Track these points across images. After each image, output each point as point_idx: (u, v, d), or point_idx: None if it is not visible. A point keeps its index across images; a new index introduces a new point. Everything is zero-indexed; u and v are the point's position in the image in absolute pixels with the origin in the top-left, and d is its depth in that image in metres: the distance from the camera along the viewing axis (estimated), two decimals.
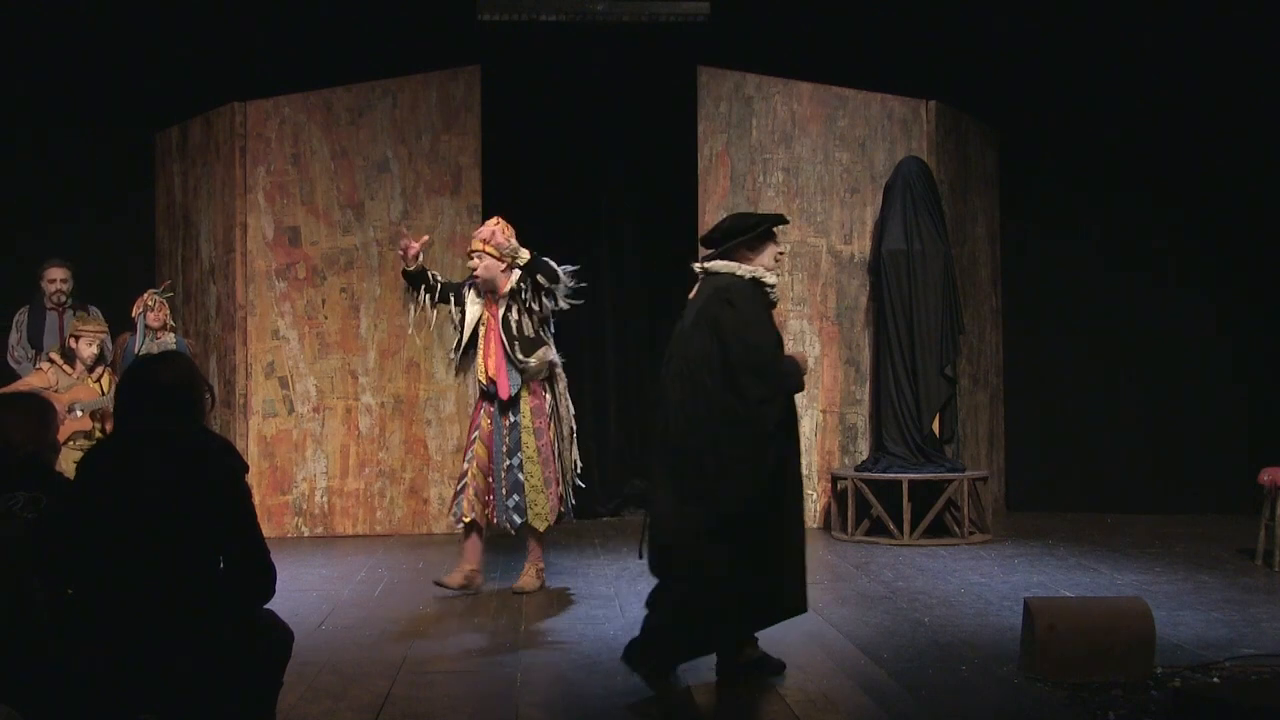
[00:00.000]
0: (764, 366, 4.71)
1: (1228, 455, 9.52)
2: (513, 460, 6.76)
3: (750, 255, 4.95)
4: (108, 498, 3.55)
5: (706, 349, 4.73)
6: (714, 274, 4.93)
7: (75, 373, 7.83)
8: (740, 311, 4.75)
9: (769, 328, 4.85)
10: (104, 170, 9.65)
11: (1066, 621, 4.99)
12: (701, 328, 4.77)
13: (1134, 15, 9.54)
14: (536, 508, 6.76)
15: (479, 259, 6.79)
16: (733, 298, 4.78)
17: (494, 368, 6.77)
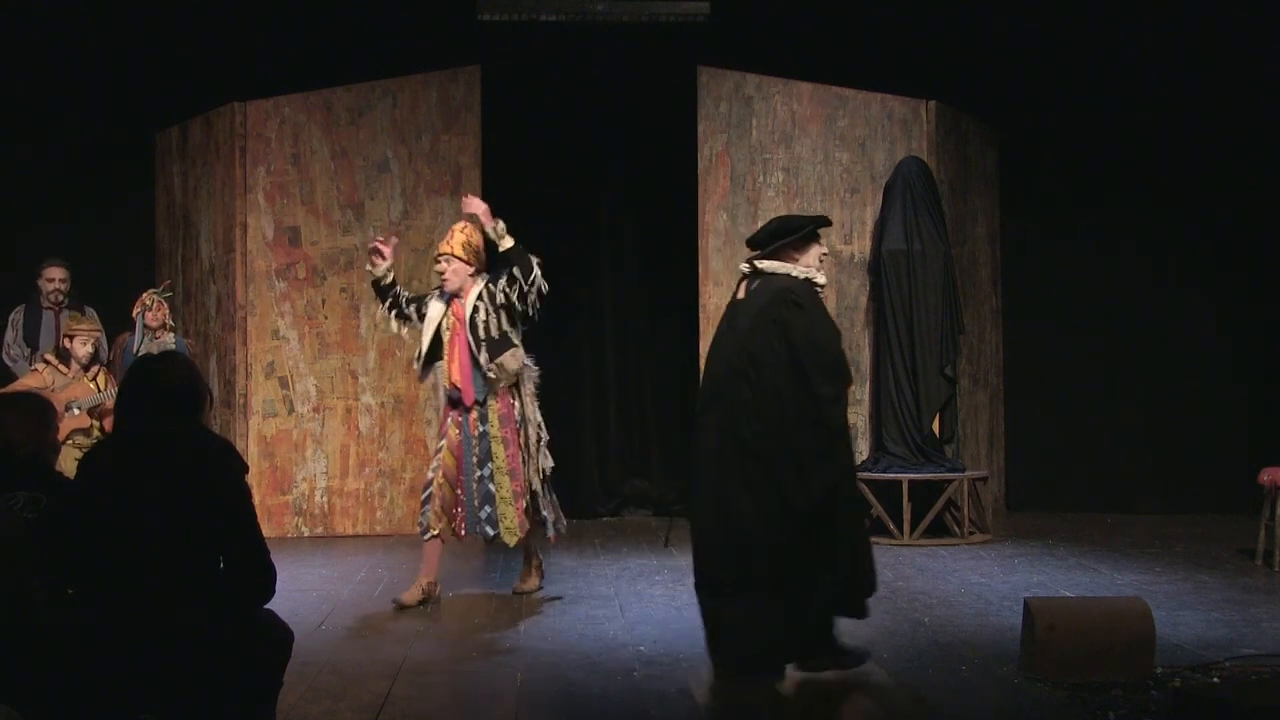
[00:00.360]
0: (833, 366, 4.84)
1: (1228, 455, 9.52)
2: (483, 471, 6.53)
3: (797, 256, 5.04)
4: (108, 497, 3.55)
5: (774, 349, 4.80)
6: (770, 275, 4.99)
7: (71, 372, 7.83)
8: (808, 313, 4.86)
9: (833, 327, 4.99)
10: (104, 170, 9.65)
11: (1066, 621, 4.99)
12: (765, 328, 4.83)
13: (1134, 15, 9.55)
14: (506, 521, 6.53)
15: (446, 263, 6.59)
16: (799, 299, 4.88)
17: (458, 373, 6.53)
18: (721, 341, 5.04)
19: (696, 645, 5.65)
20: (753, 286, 5.01)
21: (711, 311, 9.29)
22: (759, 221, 9.25)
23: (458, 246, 6.60)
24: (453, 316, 6.58)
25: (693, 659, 5.40)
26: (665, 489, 10.10)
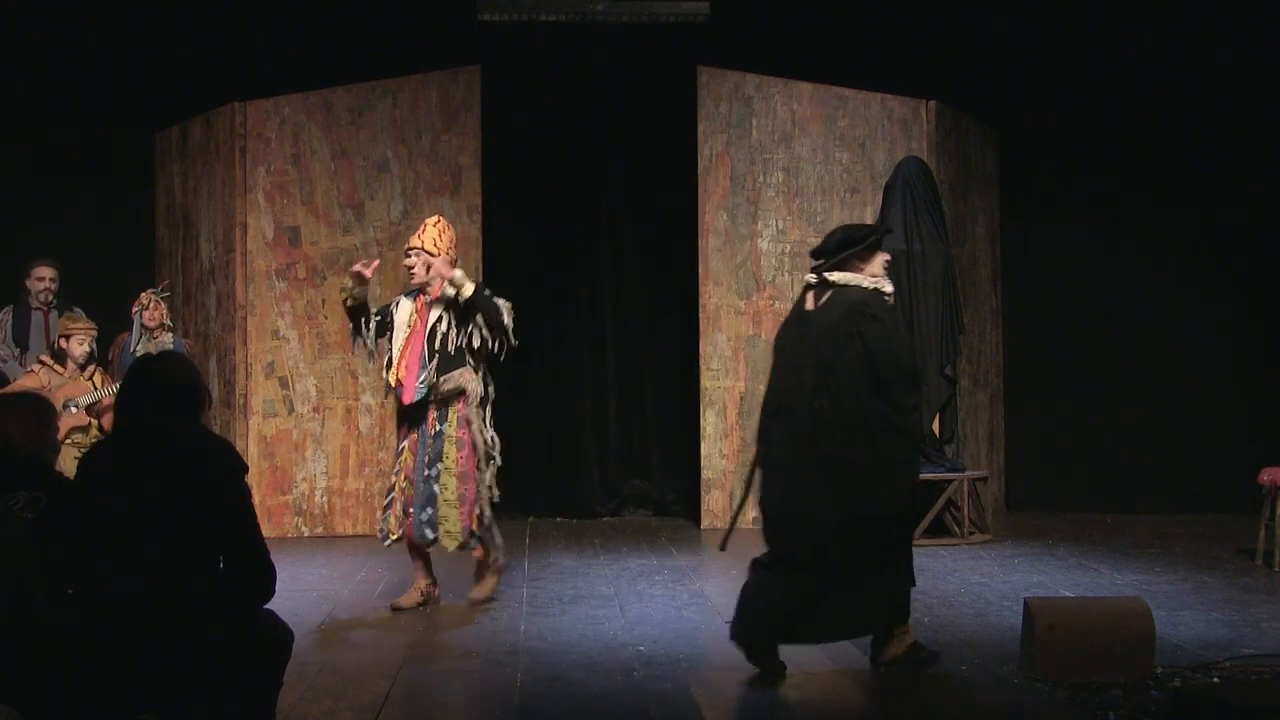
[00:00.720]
0: (911, 375, 5.07)
1: (1228, 455, 9.52)
2: (430, 471, 6.31)
3: (862, 265, 5.16)
4: (108, 498, 3.55)
5: (852, 360, 4.95)
6: (842, 287, 5.11)
7: (67, 372, 7.83)
8: (884, 325, 5.02)
9: (907, 337, 5.16)
10: (104, 170, 9.64)
11: (1066, 621, 4.99)
12: (842, 341, 4.98)
13: (1134, 15, 9.55)
14: (448, 524, 6.28)
15: (416, 256, 6.37)
16: (875, 311, 5.02)
17: (404, 369, 6.31)
18: (791, 352, 5.19)
19: (696, 645, 5.67)
20: (823, 298, 5.15)
21: (711, 311, 9.30)
22: (759, 221, 9.31)
23: (428, 241, 6.41)
24: (416, 315, 6.40)
25: (693, 659, 5.41)
26: (665, 489, 10.10)
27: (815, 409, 4.97)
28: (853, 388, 4.93)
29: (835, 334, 5.00)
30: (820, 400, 4.96)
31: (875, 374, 4.93)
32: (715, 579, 7.34)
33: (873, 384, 4.93)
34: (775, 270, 9.32)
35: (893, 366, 4.94)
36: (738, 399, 9.28)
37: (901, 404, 4.94)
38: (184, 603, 3.50)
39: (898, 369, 4.95)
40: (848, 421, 4.92)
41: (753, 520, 9.19)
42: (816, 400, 4.97)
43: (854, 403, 4.92)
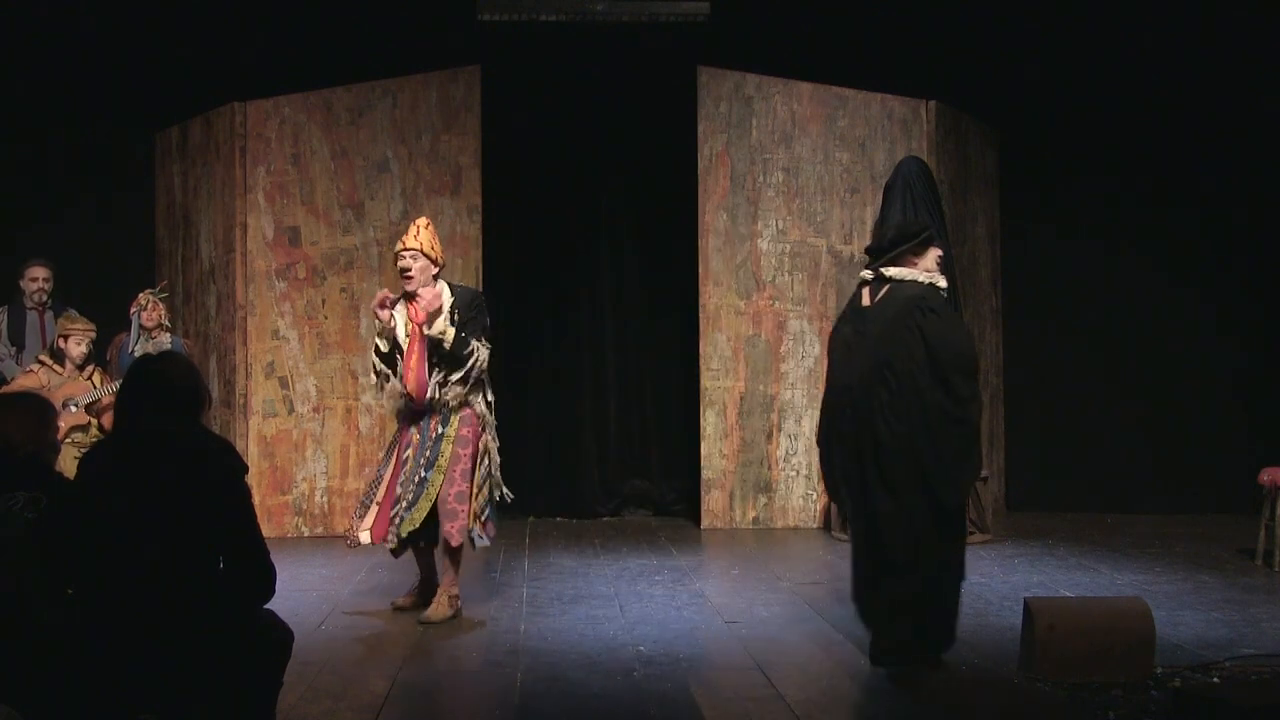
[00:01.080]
0: (969, 367, 5.15)
1: (1228, 455, 9.51)
2: (426, 474, 6.17)
3: (916, 260, 5.29)
4: (108, 497, 3.55)
5: (911, 354, 5.06)
6: (901, 282, 5.23)
7: (65, 372, 7.82)
8: (942, 318, 5.14)
9: (965, 329, 5.26)
10: (104, 170, 9.64)
11: (1066, 621, 4.99)
12: (901, 335, 5.09)
13: (1134, 15, 9.54)
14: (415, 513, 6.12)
15: (413, 259, 6.23)
16: (932, 305, 5.14)
17: (414, 379, 6.19)
18: (849, 347, 5.30)
19: (696, 645, 5.67)
20: (879, 293, 5.25)
21: (711, 311, 9.30)
22: (759, 221, 9.31)
23: (424, 243, 6.27)
24: (410, 321, 6.24)
25: (693, 659, 5.41)
26: (665, 489, 10.10)
27: (875, 403, 5.08)
28: (912, 381, 5.04)
29: (894, 328, 5.11)
30: (880, 394, 5.07)
31: (934, 366, 5.03)
32: (715, 579, 7.35)
33: (931, 376, 5.04)
34: (775, 270, 9.32)
35: (951, 359, 5.04)
36: (738, 399, 9.27)
37: (960, 395, 5.04)
38: (184, 603, 3.50)
39: (956, 361, 5.06)
40: (907, 414, 5.03)
41: (752, 521, 9.23)
42: (876, 394, 5.08)
43: (913, 395, 5.03)
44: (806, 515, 9.26)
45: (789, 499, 9.27)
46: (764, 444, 9.27)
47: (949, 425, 5.03)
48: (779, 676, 5.08)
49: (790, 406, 9.29)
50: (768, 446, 9.28)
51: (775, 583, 7.11)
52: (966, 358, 5.13)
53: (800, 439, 9.26)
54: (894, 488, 5.05)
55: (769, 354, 9.30)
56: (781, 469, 9.27)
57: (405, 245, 6.30)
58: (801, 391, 9.28)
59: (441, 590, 6.22)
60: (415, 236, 6.31)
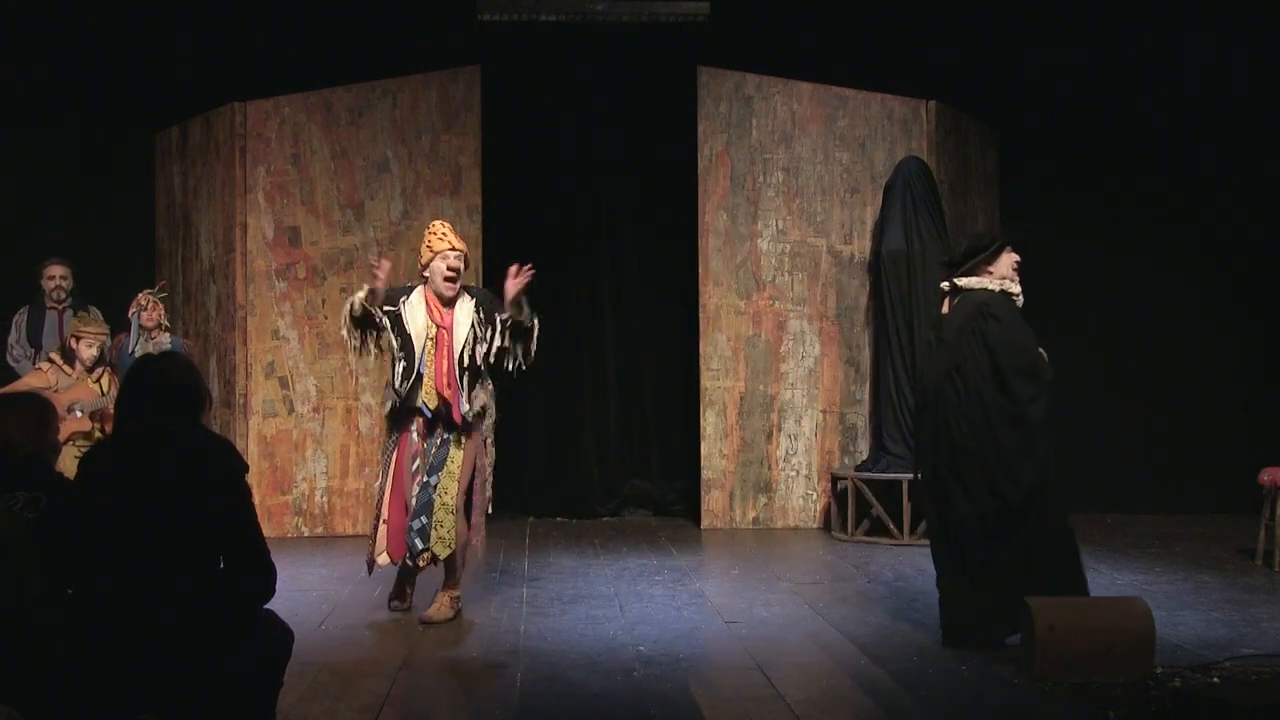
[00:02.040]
0: (1029, 369, 5.44)
1: (1228, 455, 9.51)
2: (431, 479, 6.02)
3: (990, 269, 5.64)
4: (108, 497, 3.55)
5: (976, 358, 5.45)
6: (969, 291, 5.61)
7: (75, 373, 7.82)
8: (1003, 323, 5.48)
9: (1028, 333, 5.50)
10: (104, 170, 9.64)
11: (1066, 621, 4.99)
12: (967, 340, 5.49)
13: (1134, 15, 9.54)
14: (442, 529, 5.99)
15: (459, 260, 6.12)
16: (996, 311, 5.50)
17: (448, 387, 6.01)
18: (931, 354, 5.78)
19: (696, 645, 5.67)
20: (954, 303, 5.67)
21: (711, 311, 9.30)
22: (759, 221, 9.31)
23: (462, 246, 6.20)
24: (436, 325, 6.09)
25: (693, 659, 5.41)
26: (665, 489, 10.10)
27: (947, 405, 5.48)
28: (977, 383, 5.43)
29: (962, 335, 5.51)
30: (950, 397, 5.47)
31: (996, 369, 5.40)
32: (715, 579, 7.35)
33: (994, 379, 5.41)
34: (775, 270, 9.32)
35: (1011, 361, 5.39)
36: (738, 399, 9.28)
37: (1020, 396, 5.38)
38: (184, 603, 3.50)
39: (1016, 364, 5.39)
40: (970, 413, 5.42)
41: (752, 521, 9.24)
42: (947, 397, 5.48)
43: (977, 397, 5.42)
44: (806, 515, 9.26)
45: (789, 499, 9.27)
46: (764, 444, 9.27)
47: (1009, 425, 5.38)
48: (779, 676, 5.08)
49: (790, 406, 9.29)
50: (768, 446, 9.28)
51: (775, 583, 7.11)
52: (1027, 359, 5.42)
53: (800, 439, 9.26)
54: (967, 486, 5.41)
55: (769, 354, 9.30)
56: (781, 469, 9.27)
57: (453, 244, 6.13)
58: (801, 391, 9.28)
59: (443, 592, 6.20)
60: (458, 235, 6.26)
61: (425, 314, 6.11)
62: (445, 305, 6.13)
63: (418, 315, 6.11)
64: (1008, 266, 5.65)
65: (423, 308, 6.13)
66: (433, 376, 6.05)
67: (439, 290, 6.13)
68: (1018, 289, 5.64)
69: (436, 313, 6.12)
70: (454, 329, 6.09)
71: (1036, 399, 5.42)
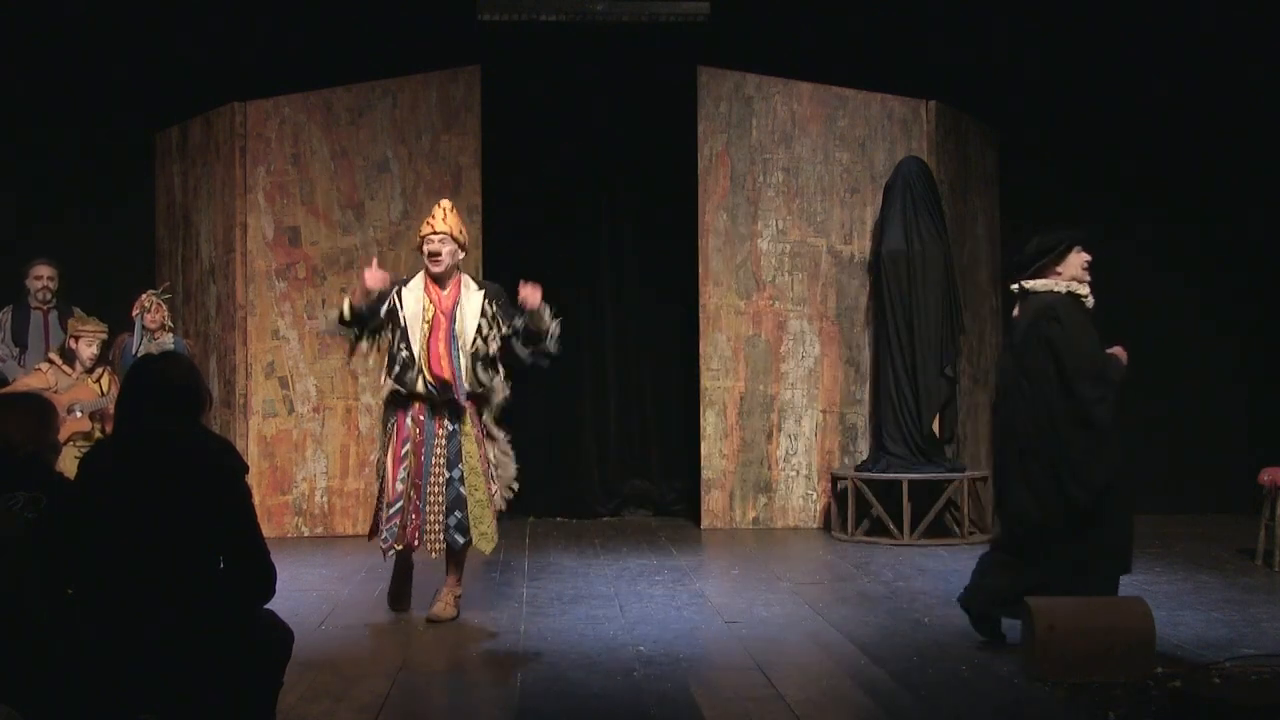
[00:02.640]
0: (1094, 371, 5.48)
1: (1228, 455, 9.51)
2: (453, 473, 5.97)
3: (1059, 270, 5.61)
4: (108, 498, 3.55)
5: (1041, 360, 5.47)
6: (1035, 293, 5.61)
7: (75, 373, 7.82)
8: (1065, 326, 5.48)
9: (1092, 335, 5.52)
10: (104, 170, 9.64)
11: (1066, 621, 4.99)
12: (1033, 343, 5.52)
13: (1134, 15, 9.54)
14: (483, 526, 6.00)
15: (442, 243, 6.04)
16: (1058, 314, 5.50)
17: (447, 367, 5.97)
18: (1003, 357, 5.91)
19: (696, 645, 5.67)
20: (1023, 305, 5.69)
21: (711, 311, 9.30)
22: (759, 221, 9.31)
23: (453, 226, 6.12)
24: (433, 306, 6.04)
25: (693, 659, 5.41)
26: (665, 489, 10.10)
27: (1015, 408, 5.54)
28: (1042, 385, 5.45)
29: (1027, 338, 5.54)
30: (1018, 400, 5.53)
31: (1060, 372, 5.41)
32: (715, 579, 7.35)
33: (1060, 382, 5.42)
34: (775, 270, 9.32)
35: (1075, 364, 5.40)
36: (738, 399, 9.28)
37: (1085, 398, 5.42)
38: (184, 603, 3.50)
39: (1079, 366, 5.41)
40: (1036, 414, 5.45)
41: (752, 521, 9.24)
42: (1015, 400, 5.54)
43: (1043, 399, 5.45)
44: (806, 515, 9.26)
45: (789, 499, 9.27)
46: (764, 444, 9.27)
47: (1075, 426, 5.42)
48: (779, 676, 5.08)
49: (790, 406, 9.29)
50: (768, 446, 9.28)
51: (775, 583, 7.11)
52: (1090, 360, 5.45)
53: (800, 439, 9.26)
54: (1032, 485, 5.45)
55: (769, 354, 9.30)
56: (781, 469, 9.27)
57: (434, 228, 6.10)
58: (801, 391, 9.28)
59: (447, 590, 6.19)
60: (444, 220, 6.14)
61: (422, 297, 6.08)
62: (440, 286, 6.09)
63: (412, 300, 6.08)
64: (1077, 266, 5.62)
65: (419, 291, 6.10)
66: (426, 360, 6.00)
67: (427, 267, 6.13)
68: (1085, 290, 5.61)
69: (434, 295, 6.09)
70: (456, 317, 6.05)
71: (1103, 400, 5.48)
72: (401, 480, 6.01)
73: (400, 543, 6.02)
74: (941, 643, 5.61)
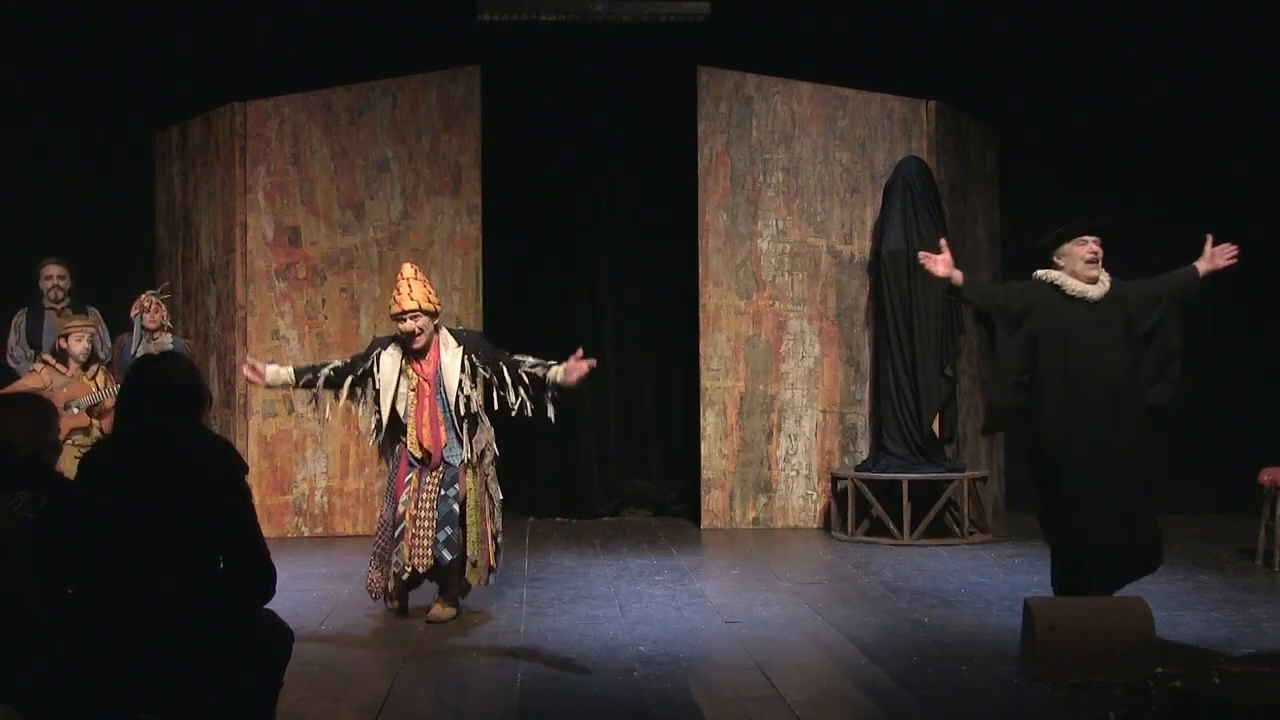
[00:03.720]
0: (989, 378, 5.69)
1: (1228, 455, 9.51)
2: (448, 491, 6.02)
3: (1058, 259, 5.75)
4: (108, 498, 3.55)
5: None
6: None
7: (69, 371, 7.81)
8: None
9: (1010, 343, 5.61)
10: (104, 170, 9.64)
11: (1066, 621, 4.99)
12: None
13: (1134, 15, 9.54)
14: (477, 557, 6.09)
15: (413, 320, 6.00)
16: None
17: (429, 437, 6.04)
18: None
19: (696, 645, 5.68)
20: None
21: (711, 311, 9.30)
22: (759, 221, 9.31)
23: (421, 300, 6.03)
24: (416, 376, 6.07)
25: (693, 659, 5.41)
26: (665, 489, 10.10)
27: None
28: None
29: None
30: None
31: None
32: (715, 579, 7.35)
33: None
34: (775, 270, 9.32)
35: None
36: (738, 399, 9.28)
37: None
38: (184, 603, 3.50)
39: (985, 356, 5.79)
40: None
41: (752, 521, 9.24)
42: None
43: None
44: (806, 515, 9.26)
45: (789, 499, 9.27)
46: (764, 444, 9.27)
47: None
48: (779, 676, 5.08)
49: (790, 406, 9.29)
50: (768, 446, 9.28)
51: (775, 583, 7.11)
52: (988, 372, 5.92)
53: (800, 439, 9.26)
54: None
55: (769, 354, 9.30)
56: (781, 469, 9.27)
57: (403, 307, 6.03)
58: (801, 391, 9.28)
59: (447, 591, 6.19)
60: (410, 296, 6.04)
61: (404, 368, 6.07)
62: (420, 358, 6.09)
63: (391, 366, 6.07)
64: (1077, 258, 5.64)
65: (396, 359, 6.09)
66: (414, 427, 6.06)
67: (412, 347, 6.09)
68: (1073, 283, 5.63)
69: (417, 364, 6.09)
70: (439, 379, 6.07)
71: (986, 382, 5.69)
72: (403, 503, 6.05)
73: (409, 565, 6.02)
74: (941, 643, 5.61)
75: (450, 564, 6.03)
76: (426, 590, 6.36)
